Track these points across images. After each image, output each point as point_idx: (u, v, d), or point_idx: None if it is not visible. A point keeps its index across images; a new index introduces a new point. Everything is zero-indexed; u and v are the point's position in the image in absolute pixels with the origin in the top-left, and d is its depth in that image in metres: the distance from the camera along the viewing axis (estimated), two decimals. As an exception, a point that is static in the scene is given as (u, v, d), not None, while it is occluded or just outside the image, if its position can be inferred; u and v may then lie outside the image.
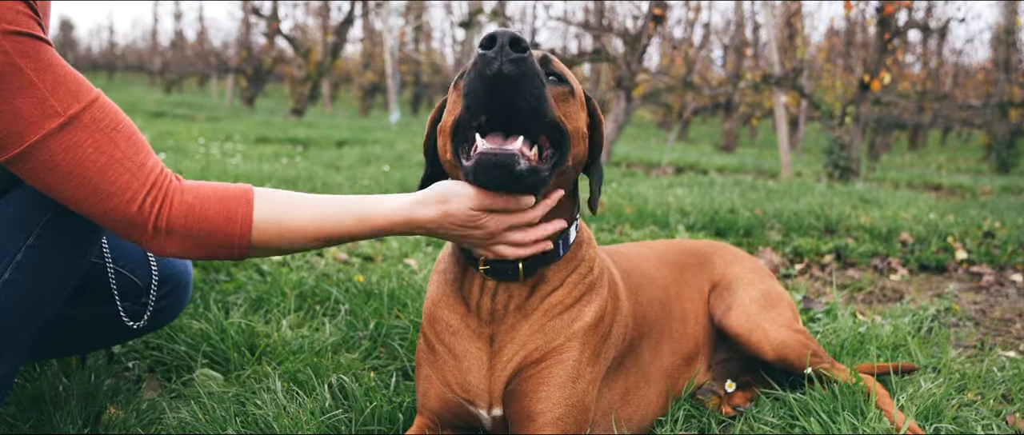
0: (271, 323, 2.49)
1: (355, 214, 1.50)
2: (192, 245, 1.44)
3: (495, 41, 1.36)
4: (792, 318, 2.14)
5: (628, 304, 1.87)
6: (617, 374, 1.82)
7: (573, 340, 1.65)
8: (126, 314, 1.82)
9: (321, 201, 1.51)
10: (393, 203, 1.51)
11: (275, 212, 1.46)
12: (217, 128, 11.72)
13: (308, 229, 1.48)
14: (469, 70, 1.42)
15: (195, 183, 1.46)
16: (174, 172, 1.49)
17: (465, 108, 1.43)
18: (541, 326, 1.64)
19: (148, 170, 1.39)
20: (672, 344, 2.04)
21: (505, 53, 1.35)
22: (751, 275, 2.26)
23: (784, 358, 2.01)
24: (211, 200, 1.43)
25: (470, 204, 1.48)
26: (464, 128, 1.48)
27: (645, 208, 5.24)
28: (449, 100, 1.60)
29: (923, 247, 4.53)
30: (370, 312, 2.51)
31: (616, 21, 10.43)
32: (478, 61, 1.38)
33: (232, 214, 1.43)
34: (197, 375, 2.08)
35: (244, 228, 1.43)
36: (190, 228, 1.41)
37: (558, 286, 1.67)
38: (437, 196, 1.49)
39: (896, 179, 10.09)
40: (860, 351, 2.36)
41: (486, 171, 1.40)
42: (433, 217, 1.49)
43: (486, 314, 1.66)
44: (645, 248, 2.25)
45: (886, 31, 8.64)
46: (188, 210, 1.41)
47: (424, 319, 1.77)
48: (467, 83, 1.42)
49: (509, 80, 1.36)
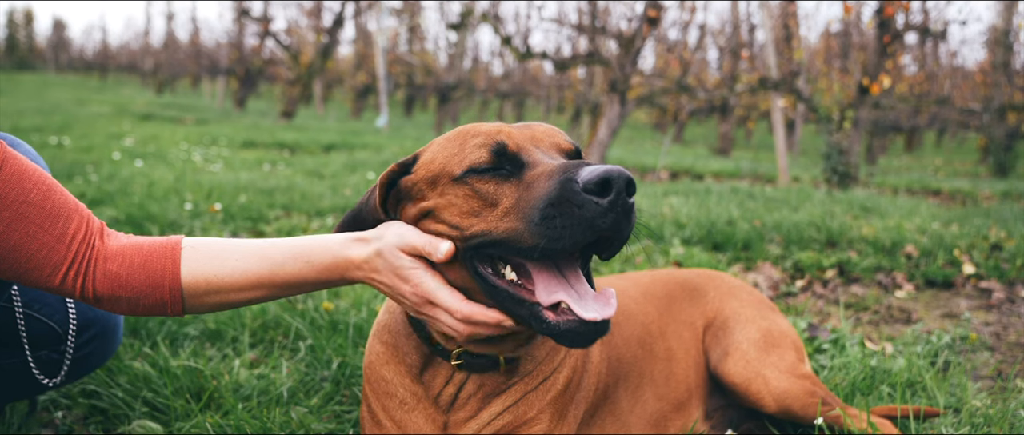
0: (225, 360, 2.26)
1: (295, 254, 1.32)
2: (124, 310, 1.34)
3: (611, 187, 1.14)
4: (796, 360, 1.92)
5: (601, 349, 1.65)
6: (590, 426, 1.61)
7: (544, 412, 1.44)
8: (43, 363, 1.59)
9: (258, 245, 1.36)
10: (338, 239, 1.33)
11: (206, 266, 1.32)
12: (204, 132, 11.47)
13: (247, 277, 1.32)
14: (552, 201, 1.17)
15: (121, 245, 1.34)
16: (101, 223, 1.36)
17: (544, 249, 1.18)
18: (514, 402, 1.44)
19: (67, 242, 1.29)
20: (656, 389, 1.83)
21: (622, 203, 1.15)
22: (749, 310, 2.04)
23: (787, 410, 1.80)
24: (135, 265, 1.31)
25: (398, 243, 1.28)
26: (501, 250, 1.25)
27: (639, 220, 5.02)
28: (450, 193, 1.30)
29: (929, 261, 4.34)
30: (334, 349, 2.28)
31: (610, 23, 10.22)
32: (582, 204, 1.14)
33: (157, 278, 1.31)
34: (134, 427, 1.85)
35: (173, 290, 1.31)
36: (116, 298, 1.31)
37: (541, 357, 1.47)
38: (375, 232, 1.32)
39: (895, 184, 9.92)
40: (872, 391, 2.15)
41: (585, 340, 1.21)
42: (364, 257, 1.29)
43: (446, 402, 1.45)
44: (627, 281, 2.04)
45: (885, 33, 8.45)
46: (112, 281, 1.30)
47: (365, 377, 1.54)
48: (556, 225, 1.16)
49: (618, 231, 1.17)
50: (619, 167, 1.16)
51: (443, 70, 19.26)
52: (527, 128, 1.36)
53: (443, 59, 25.96)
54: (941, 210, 6.69)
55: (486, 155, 1.28)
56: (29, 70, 48.60)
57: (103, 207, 4.49)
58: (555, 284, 1.24)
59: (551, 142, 1.36)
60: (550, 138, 1.36)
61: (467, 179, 1.28)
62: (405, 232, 1.29)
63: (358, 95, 23.47)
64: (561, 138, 1.38)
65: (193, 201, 4.85)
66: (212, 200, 4.95)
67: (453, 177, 1.30)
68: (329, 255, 1.30)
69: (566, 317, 1.21)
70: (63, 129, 10.04)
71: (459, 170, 1.29)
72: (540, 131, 1.37)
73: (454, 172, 1.30)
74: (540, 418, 1.44)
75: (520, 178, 1.25)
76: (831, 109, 8.99)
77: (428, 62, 24.87)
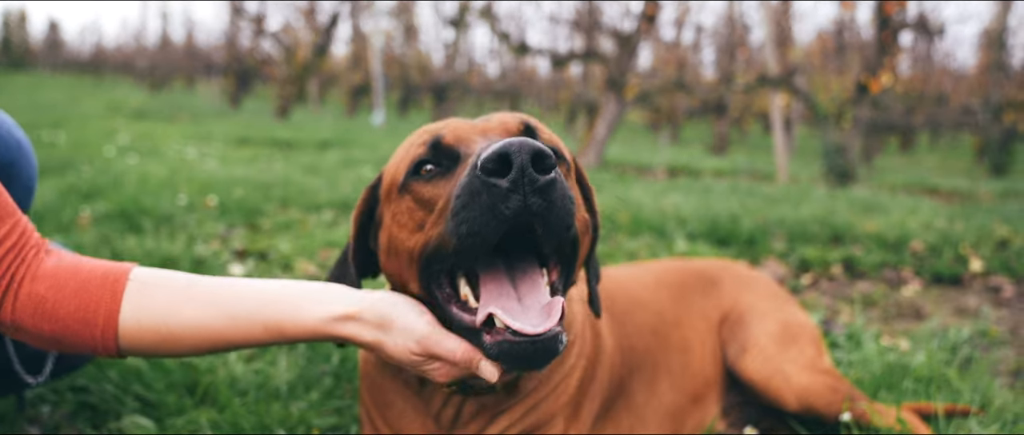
0: (221, 355, 2.17)
1: (264, 322, 1.10)
2: (49, 345, 1.10)
3: (510, 162, 0.95)
4: (816, 355, 1.84)
5: (613, 338, 1.56)
6: (604, 422, 1.52)
7: (558, 415, 1.35)
8: (27, 359, 1.50)
9: (222, 295, 1.12)
10: (318, 311, 1.10)
11: (154, 313, 1.10)
12: (198, 129, 11.36)
13: (201, 332, 1.10)
14: (460, 193, 1.00)
15: (59, 264, 1.12)
16: (42, 240, 1.15)
17: (458, 251, 1.02)
18: (521, 416, 1.33)
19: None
20: (672, 380, 1.74)
21: (528, 179, 0.95)
22: (766, 303, 1.96)
23: (810, 407, 1.71)
24: (67, 290, 1.09)
25: (414, 348, 1.08)
26: (445, 263, 1.08)
27: (641, 215, 4.95)
28: (396, 207, 1.17)
29: (936, 257, 4.28)
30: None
31: (606, 20, 10.16)
32: (481, 190, 0.97)
33: (91, 314, 1.08)
34: (125, 422, 1.76)
35: (107, 329, 1.09)
36: (39, 328, 1.08)
37: (545, 373, 1.35)
38: (377, 318, 1.10)
39: (893, 182, 9.88)
40: (894, 387, 2.07)
41: (523, 361, 1.00)
42: (368, 341, 1.10)
43: (447, 423, 1.34)
44: (639, 269, 1.96)
45: (885, 30, 8.41)
46: (37, 305, 1.08)
47: (361, 378, 1.44)
48: (462, 219, 0.99)
49: (534, 215, 0.97)
50: (523, 139, 0.96)
51: (438, 69, 19.18)
52: (485, 120, 1.21)
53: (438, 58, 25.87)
54: (943, 208, 6.64)
55: (423, 151, 1.14)
56: (23, 71, 48.33)
57: (95, 201, 4.39)
58: (496, 296, 1.06)
59: (502, 128, 1.18)
60: (503, 125, 1.18)
61: (409, 185, 1.14)
62: (419, 330, 1.08)
63: (353, 94, 23.35)
64: (513, 121, 1.19)
65: (187, 195, 4.76)
66: (207, 194, 4.85)
67: (398, 186, 1.16)
68: (305, 331, 1.10)
69: (498, 337, 1.01)
70: (56, 126, 9.91)
71: (401, 175, 1.15)
72: (496, 120, 1.20)
73: (398, 179, 1.16)
74: (554, 422, 1.35)
75: (455, 174, 1.10)
76: (829, 107, 8.94)
77: (423, 61, 24.78)
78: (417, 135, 1.21)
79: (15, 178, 1.36)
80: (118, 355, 1.13)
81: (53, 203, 4.13)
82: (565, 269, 1.15)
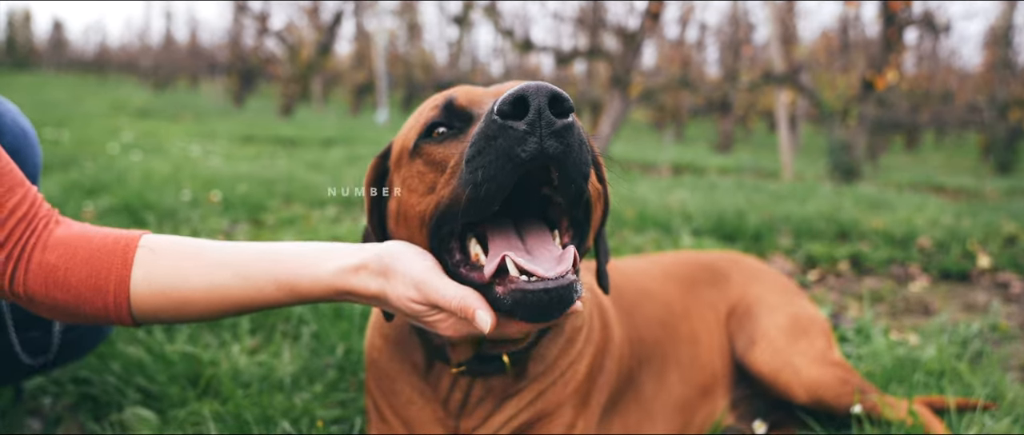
0: (224, 347, 2.15)
1: (276, 280, 1.09)
2: (62, 315, 1.10)
3: (527, 104, 0.93)
4: (826, 347, 1.81)
5: (621, 330, 1.54)
6: (612, 415, 1.50)
7: (566, 404, 1.33)
8: (30, 345, 1.49)
9: (233, 257, 1.11)
10: (329, 265, 1.09)
11: (164, 276, 1.09)
12: (202, 128, 11.36)
13: (213, 294, 1.09)
14: (475, 140, 0.98)
15: (70, 233, 1.11)
16: (53, 211, 1.14)
17: (473, 202, 0.98)
18: (530, 401, 1.32)
19: (5, 215, 1.07)
20: (681, 372, 1.72)
21: (545, 121, 0.93)
22: (775, 296, 1.94)
23: (820, 400, 1.69)
24: (77, 258, 1.08)
25: (414, 295, 1.05)
26: (455, 222, 1.05)
27: (646, 211, 4.93)
28: (406, 171, 1.15)
29: (943, 253, 4.25)
30: (338, 335, 2.17)
31: (611, 18, 10.13)
32: (497, 134, 0.94)
33: (102, 281, 1.08)
34: (128, 415, 1.75)
35: (119, 296, 1.08)
36: (52, 297, 1.08)
37: (553, 357, 1.34)
38: (379, 266, 1.07)
39: (899, 180, 9.84)
40: (905, 380, 2.04)
41: (537, 309, 0.96)
42: (373, 292, 1.08)
43: (455, 407, 1.32)
44: (646, 261, 1.94)
45: (890, 27, 8.36)
46: (48, 274, 1.07)
47: (367, 369, 1.42)
48: (476, 165, 0.96)
49: (551, 158, 0.94)
50: (540, 82, 0.94)
51: (442, 68, 19.16)
52: (498, 86, 1.20)
53: (442, 57, 25.85)
54: (949, 205, 6.61)
55: (436, 113, 1.13)
56: (28, 70, 48.46)
57: (98, 196, 4.38)
58: (507, 248, 1.03)
59: None
60: None
61: (421, 147, 1.12)
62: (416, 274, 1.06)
63: (357, 93, 23.36)
64: None
65: (192, 190, 4.75)
66: (210, 190, 4.84)
67: (409, 151, 1.14)
68: (319, 287, 1.08)
69: (510, 286, 0.98)
70: (60, 124, 9.92)
71: (413, 138, 1.14)
72: (508, 84, 1.18)
73: (409, 144, 1.15)
74: (561, 411, 1.33)
75: (467, 134, 1.08)
76: (835, 104, 8.90)
77: (427, 60, 24.77)
78: (429, 101, 1.20)
79: (20, 165, 1.36)
80: (132, 323, 1.12)
81: (56, 198, 4.12)
82: (577, 233, 1.12)
